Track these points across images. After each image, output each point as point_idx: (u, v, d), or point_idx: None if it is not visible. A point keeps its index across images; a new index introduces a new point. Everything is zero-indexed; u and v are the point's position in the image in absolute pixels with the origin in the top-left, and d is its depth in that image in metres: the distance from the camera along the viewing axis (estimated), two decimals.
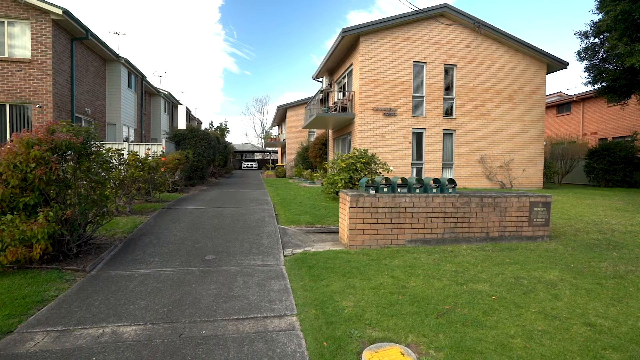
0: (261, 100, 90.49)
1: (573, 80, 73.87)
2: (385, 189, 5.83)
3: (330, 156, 19.31)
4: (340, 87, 17.50)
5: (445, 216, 6.03)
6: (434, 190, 6.07)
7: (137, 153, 7.95)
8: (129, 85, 18.11)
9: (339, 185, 9.11)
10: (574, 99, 23.45)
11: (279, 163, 36.25)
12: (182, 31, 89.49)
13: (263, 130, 63.32)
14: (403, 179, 5.97)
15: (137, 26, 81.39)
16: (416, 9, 13.89)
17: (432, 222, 5.98)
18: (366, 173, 9.50)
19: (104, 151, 6.31)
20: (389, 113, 13.97)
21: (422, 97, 14.48)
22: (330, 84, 19.07)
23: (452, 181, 6.20)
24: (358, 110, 13.94)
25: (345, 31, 13.39)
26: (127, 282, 4.22)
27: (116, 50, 16.48)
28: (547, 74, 15.34)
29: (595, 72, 13.21)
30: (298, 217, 7.86)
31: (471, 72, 14.63)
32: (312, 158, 21.07)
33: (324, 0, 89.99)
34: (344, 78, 16.96)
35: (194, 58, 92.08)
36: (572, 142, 20.42)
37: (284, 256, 5.41)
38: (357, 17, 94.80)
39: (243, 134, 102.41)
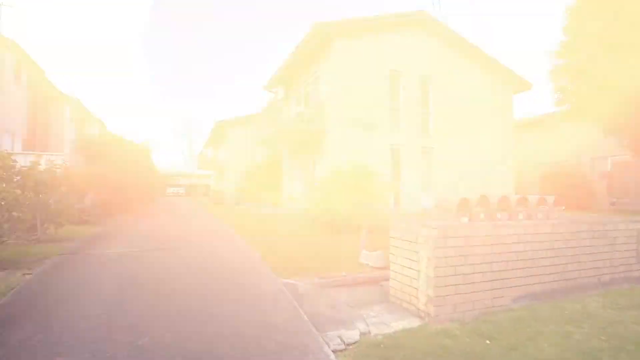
0: (189, 119, 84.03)
1: (542, 101, 78.84)
2: (481, 215, 3.54)
3: (286, 178, 16.67)
4: (299, 99, 15.26)
5: (554, 255, 3.94)
6: (539, 215, 3.97)
7: (14, 159, 4.51)
8: (17, 79, 13.44)
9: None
10: None
11: (215, 187, 32.11)
12: (101, 48, 79.00)
13: (191, 152, 57.60)
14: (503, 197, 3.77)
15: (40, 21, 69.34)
16: (390, 14, 12.60)
17: (539, 265, 3.84)
18: (368, 195, 7.18)
19: None
20: (367, 126, 12.05)
21: (399, 110, 12.94)
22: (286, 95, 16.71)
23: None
24: (330, 122, 11.75)
25: (316, 26, 11.34)
26: None
27: None
28: (514, 94, 15.16)
29: (564, 93, 13.08)
30: (298, 260, 5.10)
31: (446, 86, 13.63)
32: (263, 181, 18.12)
33: (248, 30, 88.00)
34: (306, 86, 14.79)
35: (108, 77, 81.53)
36: None
37: (332, 351, 2.70)
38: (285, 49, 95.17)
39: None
